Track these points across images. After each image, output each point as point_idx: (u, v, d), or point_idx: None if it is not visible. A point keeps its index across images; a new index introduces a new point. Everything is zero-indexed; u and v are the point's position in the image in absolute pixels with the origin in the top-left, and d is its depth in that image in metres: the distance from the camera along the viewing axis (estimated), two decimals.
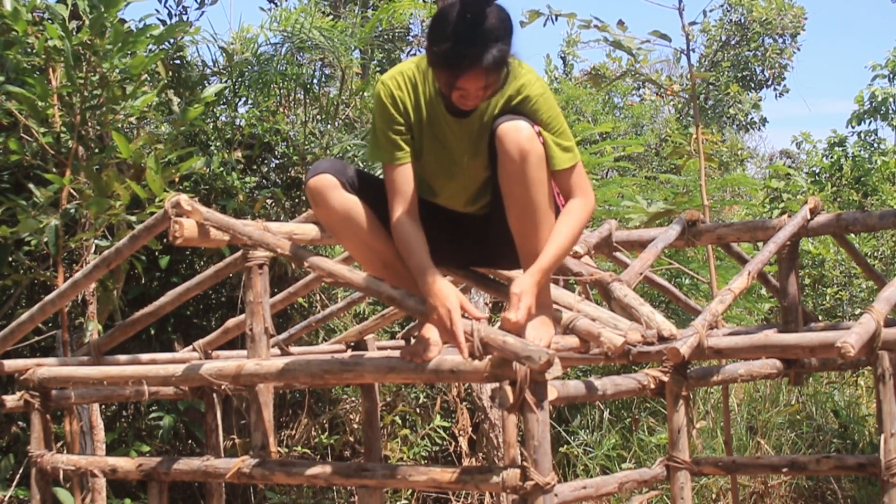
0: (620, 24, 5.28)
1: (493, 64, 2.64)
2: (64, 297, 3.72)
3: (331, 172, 2.87)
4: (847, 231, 3.96)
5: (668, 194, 7.46)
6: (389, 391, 6.73)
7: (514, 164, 2.76)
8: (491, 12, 2.65)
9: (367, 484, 2.88)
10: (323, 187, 2.86)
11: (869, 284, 8.69)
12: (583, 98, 11.90)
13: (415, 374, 2.72)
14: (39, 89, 4.67)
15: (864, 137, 12.93)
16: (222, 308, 6.44)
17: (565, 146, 2.85)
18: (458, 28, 2.64)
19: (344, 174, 2.89)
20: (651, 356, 2.95)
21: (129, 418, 6.16)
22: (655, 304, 6.83)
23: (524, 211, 2.81)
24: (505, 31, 2.66)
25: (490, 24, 2.63)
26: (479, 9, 2.63)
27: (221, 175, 6.14)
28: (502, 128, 2.76)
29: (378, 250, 2.92)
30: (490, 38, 2.63)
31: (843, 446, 6.65)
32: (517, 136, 2.75)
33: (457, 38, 2.64)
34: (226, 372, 3.08)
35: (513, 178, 2.78)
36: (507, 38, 2.67)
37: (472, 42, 2.62)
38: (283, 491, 6.23)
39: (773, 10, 15.67)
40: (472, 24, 2.63)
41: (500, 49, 2.64)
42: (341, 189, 2.86)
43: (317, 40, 7.05)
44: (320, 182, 2.86)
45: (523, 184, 2.77)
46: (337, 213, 2.88)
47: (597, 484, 3.01)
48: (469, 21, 2.63)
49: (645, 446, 6.48)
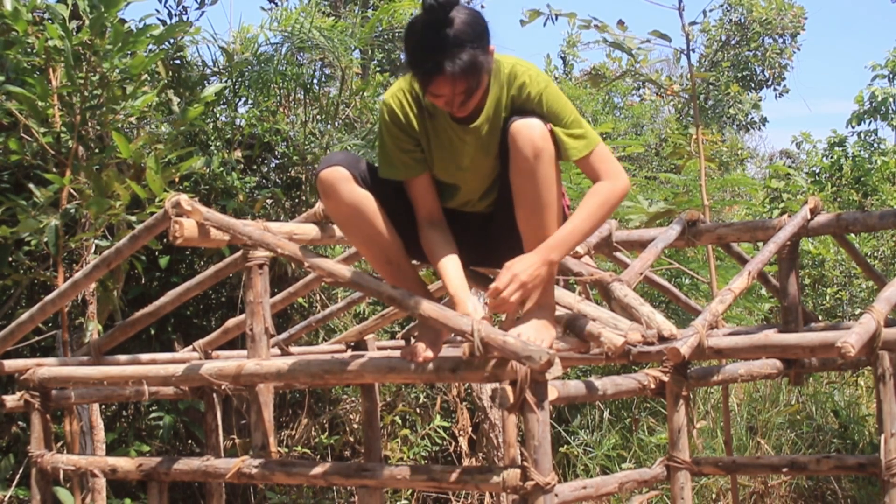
0: (620, 24, 5.29)
1: (462, 69, 2.62)
2: (64, 297, 3.72)
3: (343, 165, 2.87)
4: (847, 231, 3.96)
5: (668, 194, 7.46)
6: (389, 391, 6.73)
7: (527, 161, 2.76)
8: (457, 17, 2.63)
9: (367, 484, 2.88)
10: (335, 179, 2.86)
11: (869, 284, 8.69)
12: (583, 98, 11.91)
13: (415, 374, 2.72)
14: (39, 89, 4.67)
15: (864, 137, 12.93)
16: (222, 308, 6.44)
17: (577, 134, 2.83)
18: (423, 36, 2.65)
19: (357, 167, 2.89)
20: (651, 356, 2.95)
21: (129, 418, 6.16)
22: (655, 304, 6.83)
23: (534, 209, 2.81)
24: (474, 33, 2.65)
25: (456, 29, 2.62)
26: (443, 14, 2.62)
27: (221, 175, 6.14)
28: (516, 125, 2.77)
29: (384, 246, 2.92)
30: (456, 44, 2.62)
31: (843, 446, 6.65)
32: (530, 133, 2.75)
33: (422, 46, 2.65)
34: (226, 372, 3.08)
35: (525, 176, 2.78)
36: (477, 41, 2.65)
37: (436, 49, 2.62)
38: (283, 491, 6.23)
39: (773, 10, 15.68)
40: (436, 31, 2.63)
41: (468, 53, 2.62)
42: (353, 182, 2.86)
43: (317, 40, 7.05)
44: (332, 174, 2.86)
45: (535, 181, 2.77)
46: (347, 206, 2.87)
47: (597, 484, 3.02)
48: (433, 28, 2.63)
49: (645, 446, 6.48)
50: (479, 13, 2.73)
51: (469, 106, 2.75)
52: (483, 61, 2.67)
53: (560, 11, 5.47)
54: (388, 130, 2.89)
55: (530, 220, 2.83)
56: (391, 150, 2.89)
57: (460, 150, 2.88)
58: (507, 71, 2.81)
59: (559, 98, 2.84)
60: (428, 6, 2.63)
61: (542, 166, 2.76)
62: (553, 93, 2.83)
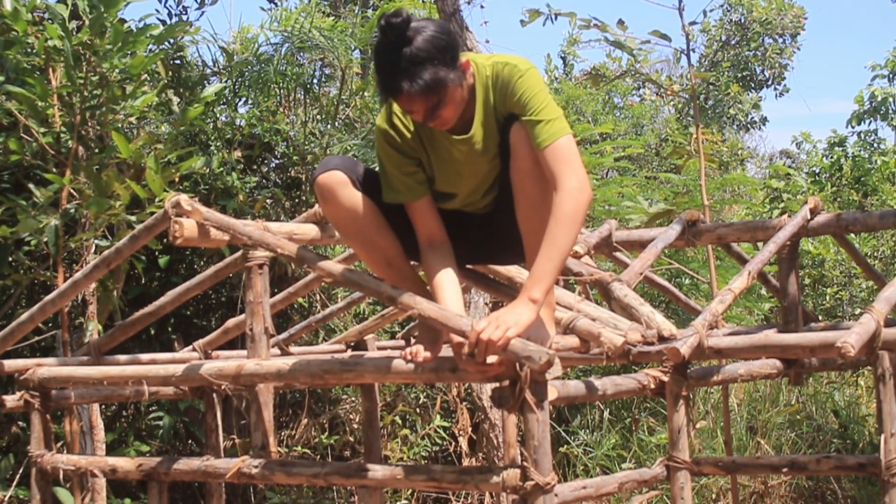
0: (620, 24, 5.29)
1: (421, 88, 2.61)
2: (64, 297, 3.72)
3: (340, 169, 2.87)
4: (847, 231, 3.96)
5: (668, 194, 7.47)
6: (389, 391, 6.73)
7: (527, 161, 2.76)
8: (417, 35, 2.62)
9: (367, 484, 2.88)
10: (332, 184, 2.86)
11: (869, 284, 8.69)
12: (583, 98, 11.90)
13: (415, 374, 2.72)
14: (39, 89, 4.67)
15: (864, 137, 12.92)
16: (222, 308, 6.44)
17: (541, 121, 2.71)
18: (383, 57, 2.65)
19: (354, 171, 2.89)
20: (651, 356, 2.95)
21: (129, 418, 6.16)
22: (655, 304, 6.83)
23: (535, 209, 2.81)
24: (434, 49, 2.63)
25: (415, 48, 2.61)
26: (397, 34, 2.62)
27: (221, 175, 6.14)
28: (518, 125, 2.77)
29: (383, 249, 2.92)
30: (414, 62, 2.61)
31: (843, 446, 6.65)
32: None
33: (381, 67, 2.66)
34: (226, 372, 3.08)
35: (526, 176, 2.78)
36: (439, 57, 2.63)
37: (394, 69, 2.62)
38: (283, 491, 6.23)
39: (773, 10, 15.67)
40: (393, 51, 2.62)
41: (429, 71, 2.61)
42: (350, 186, 2.86)
43: (317, 40, 7.06)
44: (329, 178, 2.86)
45: (536, 181, 2.77)
46: (344, 211, 2.87)
47: (597, 484, 3.02)
48: (391, 48, 2.63)
49: (645, 446, 6.48)
50: (443, 27, 2.71)
51: (446, 119, 2.73)
52: (446, 76, 2.65)
53: (560, 11, 5.48)
54: (387, 154, 2.87)
55: (531, 219, 2.83)
56: (392, 174, 2.87)
57: (459, 160, 2.87)
58: (488, 73, 2.80)
59: (530, 87, 2.76)
60: (382, 27, 2.63)
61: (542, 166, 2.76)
62: (524, 82, 2.76)
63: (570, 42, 14.87)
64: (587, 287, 3.68)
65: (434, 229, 2.91)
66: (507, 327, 2.49)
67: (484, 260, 3.23)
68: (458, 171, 2.90)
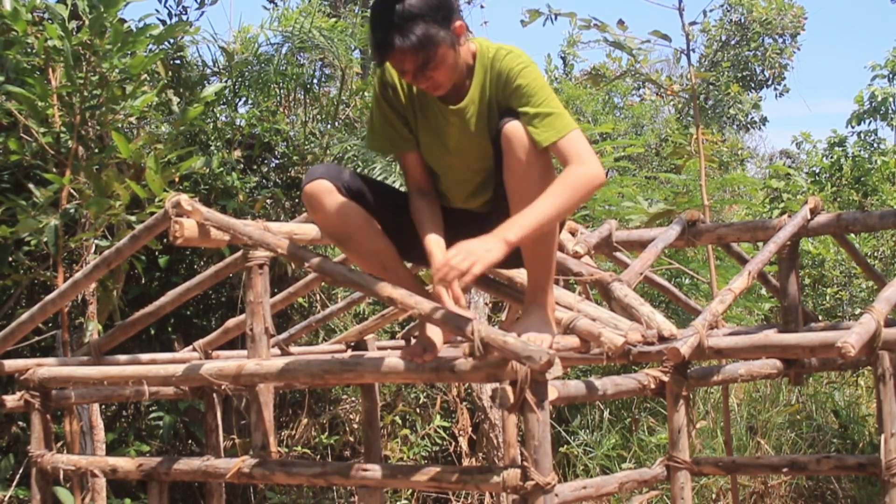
0: (620, 24, 5.28)
1: (412, 44, 2.65)
2: (64, 297, 3.71)
3: (326, 177, 2.88)
4: (847, 231, 3.96)
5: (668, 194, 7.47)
6: (389, 391, 6.73)
7: (521, 162, 2.76)
8: None
9: (367, 484, 2.88)
10: (318, 192, 2.87)
11: (869, 284, 8.69)
12: (583, 98, 11.90)
13: (415, 374, 2.72)
14: (39, 89, 4.67)
15: (864, 137, 12.93)
16: (222, 308, 6.44)
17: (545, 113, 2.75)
18: (377, 15, 2.70)
19: (339, 178, 2.90)
20: (651, 356, 2.95)
21: (129, 418, 6.16)
22: (655, 304, 6.83)
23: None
24: (427, 7, 2.67)
25: (407, 4, 2.66)
26: None
27: (221, 175, 6.14)
28: (509, 126, 2.77)
29: (377, 252, 2.93)
30: (406, 17, 2.65)
31: (843, 446, 6.65)
32: (524, 135, 2.76)
33: (374, 22, 2.71)
34: (226, 372, 3.08)
35: (518, 177, 2.79)
36: (431, 15, 2.67)
37: (387, 24, 2.66)
38: (283, 491, 6.23)
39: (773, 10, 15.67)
40: (387, 6, 2.67)
41: (420, 27, 2.65)
42: (337, 193, 2.88)
43: (317, 40, 7.06)
44: (316, 187, 2.88)
45: (529, 182, 2.77)
46: (334, 218, 2.89)
47: (597, 484, 3.02)
48: (385, 4, 2.68)
49: (645, 446, 6.48)
50: None
51: (438, 81, 2.76)
52: (437, 35, 2.68)
53: (560, 11, 5.47)
54: (377, 102, 2.95)
55: None
56: (377, 120, 2.95)
57: (446, 131, 2.89)
58: (491, 55, 2.83)
59: (535, 79, 2.80)
60: None
61: (536, 167, 2.76)
62: (530, 73, 2.80)
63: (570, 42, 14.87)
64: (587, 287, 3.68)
65: (423, 179, 3.00)
66: (473, 261, 2.57)
67: None
68: (444, 145, 2.91)
